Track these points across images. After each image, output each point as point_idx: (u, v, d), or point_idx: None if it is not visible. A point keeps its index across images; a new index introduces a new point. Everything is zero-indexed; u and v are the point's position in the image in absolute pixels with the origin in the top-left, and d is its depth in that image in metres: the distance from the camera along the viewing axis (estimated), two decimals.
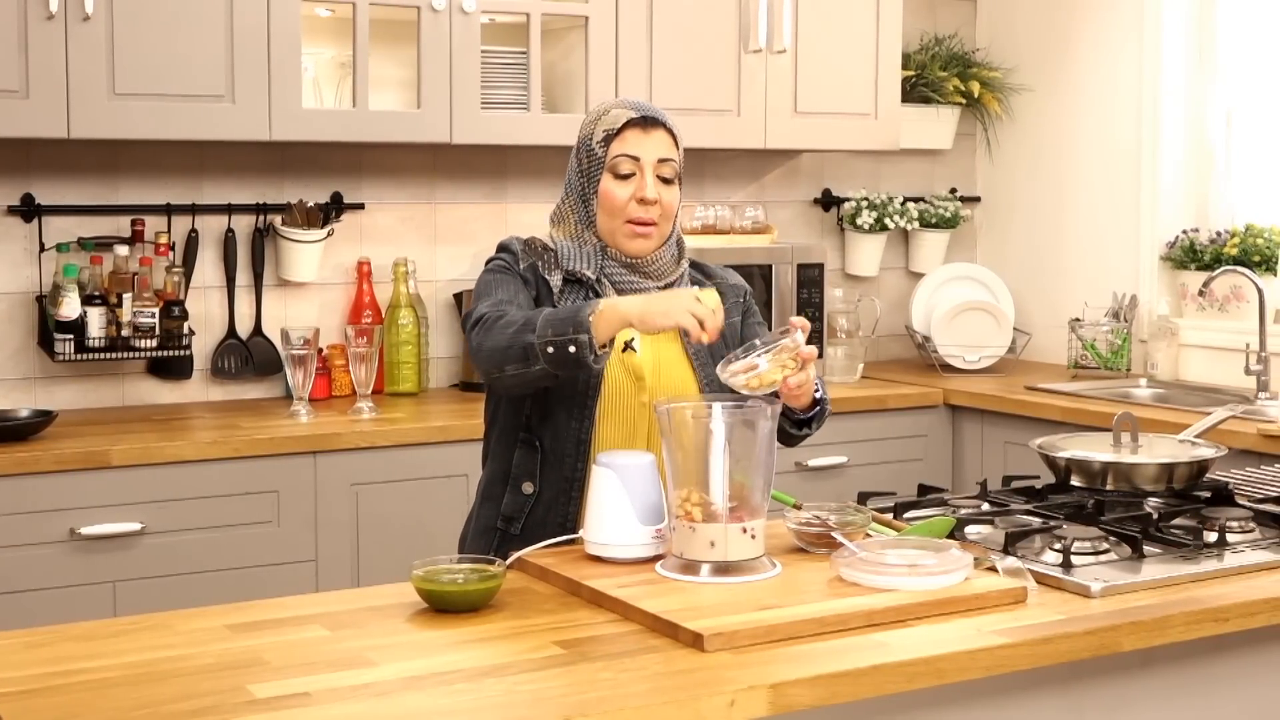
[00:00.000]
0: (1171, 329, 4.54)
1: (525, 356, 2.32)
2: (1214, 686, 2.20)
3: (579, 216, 2.55)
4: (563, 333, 2.29)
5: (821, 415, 2.53)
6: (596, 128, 2.53)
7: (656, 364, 2.53)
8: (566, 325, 2.29)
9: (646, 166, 2.50)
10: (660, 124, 2.53)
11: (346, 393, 4.06)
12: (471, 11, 3.88)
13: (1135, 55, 4.65)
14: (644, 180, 2.50)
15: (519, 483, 2.51)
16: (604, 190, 2.51)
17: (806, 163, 4.89)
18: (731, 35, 4.27)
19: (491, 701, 1.70)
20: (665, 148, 2.52)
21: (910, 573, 2.08)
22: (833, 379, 4.46)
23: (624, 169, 2.50)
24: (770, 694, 1.75)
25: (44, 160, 3.83)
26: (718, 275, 2.68)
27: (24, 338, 3.83)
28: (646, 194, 2.49)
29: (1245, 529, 2.42)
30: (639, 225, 2.51)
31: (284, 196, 4.09)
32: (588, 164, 2.54)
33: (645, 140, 2.51)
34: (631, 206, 2.50)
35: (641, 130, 2.51)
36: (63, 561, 3.32)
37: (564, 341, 2.28)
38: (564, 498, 2.49)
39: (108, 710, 1.67)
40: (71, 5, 3.45)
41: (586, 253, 2.53)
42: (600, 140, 2.52)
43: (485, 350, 2.39)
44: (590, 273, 2.52)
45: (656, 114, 2.54)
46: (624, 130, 2.51)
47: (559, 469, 2.49)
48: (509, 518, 2.52)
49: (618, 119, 2.51)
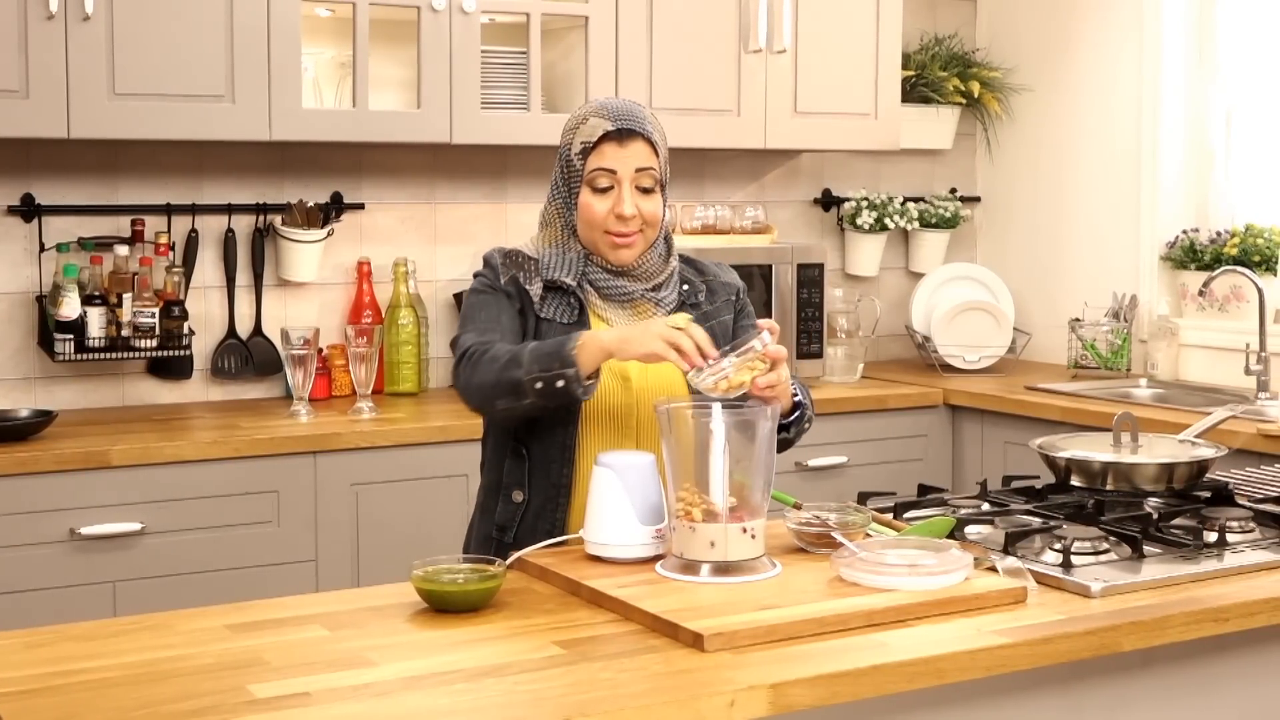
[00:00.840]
0: (1171, 329, 4.54)
1: (514, 391, 2.37)
2: (1214, 686, 2.20)
3: (563, 223, 2.55)
4: (549, 368, 2.33)
5: (802, 419, 2.52)
6: (575, 138, 2.50)
7: (643, 364, 2.53)
8: (552, 360, 2.34)
9: (624, 180, 2.47)
10: (637, 134, 2.48)
11: (346, 393, 4.06)
12: (471, 11, 3.88)
13: (1135, 55, 4.65)
14: (621, 194, 2.48)
15: (509, 492, 2.52)
16: (583, 203, 2.50)
17: (806, 163, 4.89)
18: (731, 35, 4.27)
19: (491, 702, 1.70)
20: (643, 157, 2.49)
21: (910, 573, 2.08)
22: (833, 379, 4.46)
23: (601, 183, 2.48)
24: (770, 694, 1.75)
25: (44, 160, 3.83)
26: (710, 272, 2.67)
27: (24, 338, 3.83)
28: (623, 209, 2.47)
29: (1245, 529, 2.42)
30: (619, 237, 2.49)
31: (284, 196, 4.09)
32: (567, 174, 2.52)
33: (621, 153, 2.47)
34: (610, 220, 2.48)
35: (618, 144, 2.47)
36: (63, 561, 3.32)
37: (552, 376, 2.33)
38: (551, 504, 2.49)
39: (108, 710, 1.67)
40: (71, 5, 3.45)
41: (570, 260, 2.52)
42: (578, 153, 2.49)
43: (474, 386, 2.43)
44: (570, 280, 2.50)
45: (633, 124, 2.49)
46: (600, 144, 2.47)
47: (546, 476, 2.49)
48: (502, 527, 2.52)
49: (594, 130, 2.48)
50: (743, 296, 2.68)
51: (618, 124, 2.48)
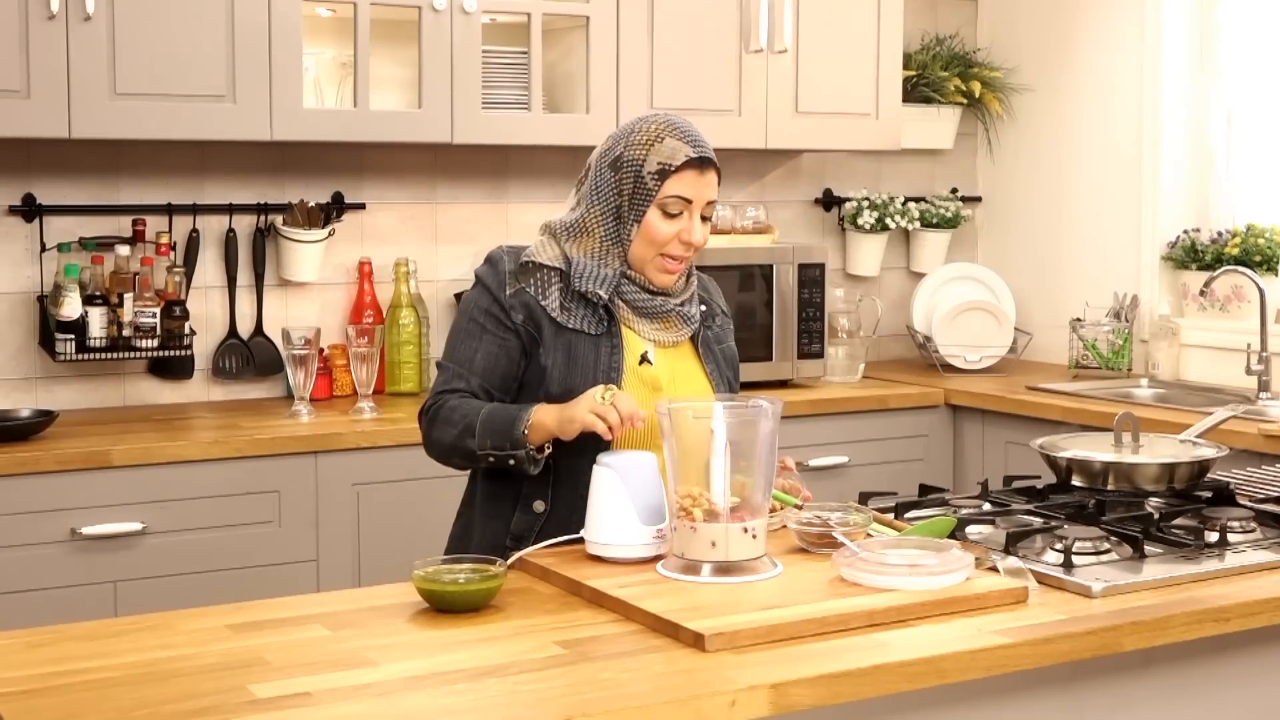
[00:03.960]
0: (1172, 329, 4.53)
1: (469, 458, 2.48)
2: (1215, 686, 2.20)
3: (608, 235, 2.49)
4: (500, 446, 2.42)
5: None
6: (649, 155, 2.44)
7: (672, 375, 2.53)
8: (503, 440, 2.41)
9: (696, 210, 2.47)
10: (713, 165, 2.48)
11: (348, 392, 4.06)
12: (472, 11, 3.88)
13: (1136, 55, 4.65)
14: (692, 224, 2.46)
15: (529, 501, 2.49)
16: (649, 224, 2.45)
17: (807, 163, 4.89)
18: (732, 35, 4.27)
19: (492, 701, 1.70)
20: (714, 190, 2.49)
21: (911, 572, 2.08)
22: (834, 379, 4.45)
23: (674, 209, 2.45)
24: (771, 694, 1.75)
25: (45, 160, 3.83)
26: (709, 289, 2.69)
27: (25, 338, 3.83)
28: (694, 238, 2.46)
29: (1246, 529, 2.42)
30: (674, 261, 2.48)
31: (285, 196, 4.09)
32: (633, 190, 2.46)
33: (700, 182, 2.46)
34: (673, 245, 2.47)
35: (698, 172, 2.45)
36: (64, 561, 3.32)
37: (504, 455, 2.42)
38: (577, 515, 2.40)
39: (109, 710, 1.67)
40: (73, 5, 3.45)
41: (605, 275, 2.48)
42: (654, 172, 2.44)
43: (432, 441, 2.53)
44: (604, 293, 2.48)
45: (711, 155, 2.48)
46: (682, 169, 2.44)
47: (574, 488, 2.43)
48: (518, 536, 2.48)
49: (675, 154, 2.44)
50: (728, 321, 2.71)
51: (699, 153, 2.46)
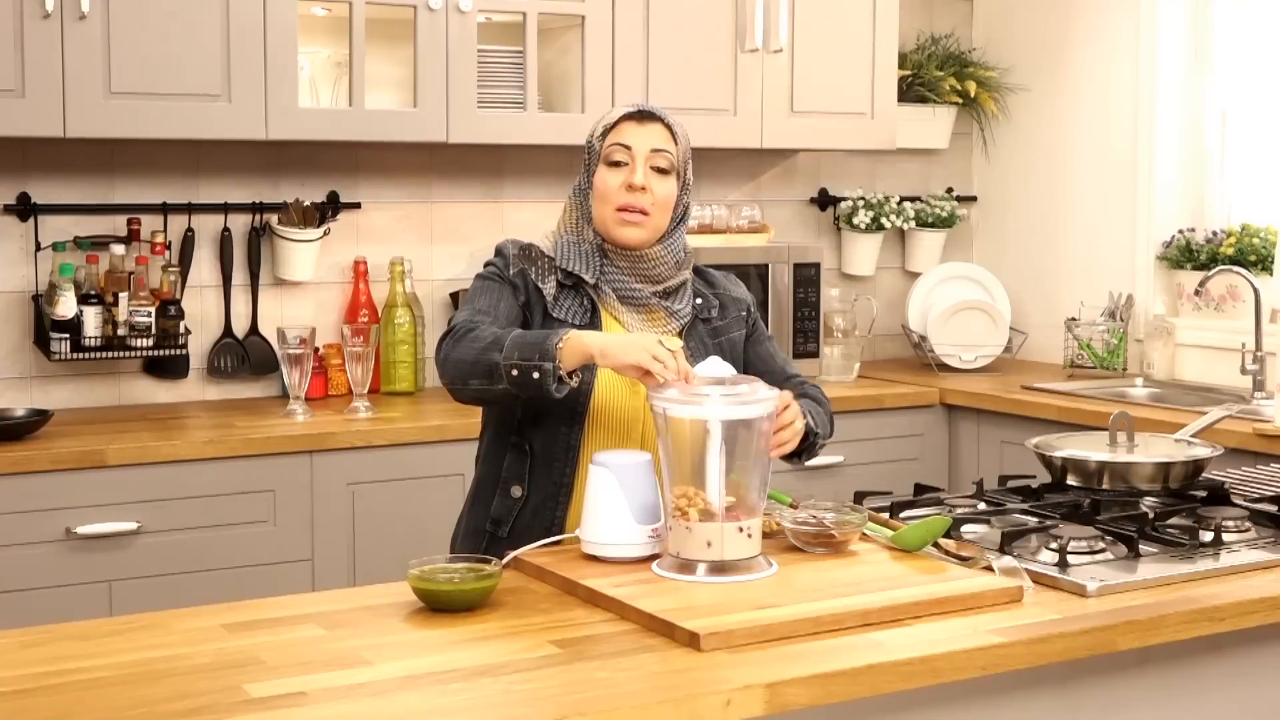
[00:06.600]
0: (1167, 328, 4.54)
1: (489, 374, 2.36)
2: (1210, 686, 2.20)
3: (580, 211, 2.59)
4: (529, 357, 2.32)
5: (814, 446, 2.58)
6: (598, 125, 2.59)
7: None
8: (533, 351, 2.32)
9: (638, 155, 2.53)
10: (656, 118, 2.56)
11: (343, 392, 4.05)
12: (468, 11, 3.87)
13: (1131, 55, 4.65)
14: (635, 167, 2.52)
15: (508, 486, 2.52)
16: (597, 179, 2.55)
17: (803, 162, 4.89)
18: (728, 35, 4.27)
19: (488, 701, 1.70)
20: (660, 139, 2.54)
21: (727, 401, 2.15)
22: (829, 378, 4.45)
23: (616, 156, 2.54)
24: (766, 693, 1.75)
25: (40, 159, 3.83)
26: (720, 285, 2.69)
27: (20, 337, 3.83)
28: (634, 179, 2.51)
29: (1241, 528, 2.43)
30: (628, 213, 2.51)
31: (280, 196, 4.08)
32: (587, 159, 2.59)
33: (639, 130, 2.55)
34: (621, 193, 2.51)
35: (636, 122, 2.56)
36: (58, 561, 3.32)
37: (529, 367, 2.32)
38: (551, 502, 2.49)
39: (103, 710, 1.67)
40: (67, 4, 3.45)
41: (584, 251, 2.54)
42: (599, 135, 2.57)
43: (451, 361, 2.43)
44: (589, 276, 2.52)
45: (655, 109, 2.59)
46: (620, 122, 2.56)
47: (548, 474, 2.49)
48: (497, 520, 2.52)
49: (616, 114, 2.58)
50: (753, 312, 2.70)
51: (638, 108, 2.59)
